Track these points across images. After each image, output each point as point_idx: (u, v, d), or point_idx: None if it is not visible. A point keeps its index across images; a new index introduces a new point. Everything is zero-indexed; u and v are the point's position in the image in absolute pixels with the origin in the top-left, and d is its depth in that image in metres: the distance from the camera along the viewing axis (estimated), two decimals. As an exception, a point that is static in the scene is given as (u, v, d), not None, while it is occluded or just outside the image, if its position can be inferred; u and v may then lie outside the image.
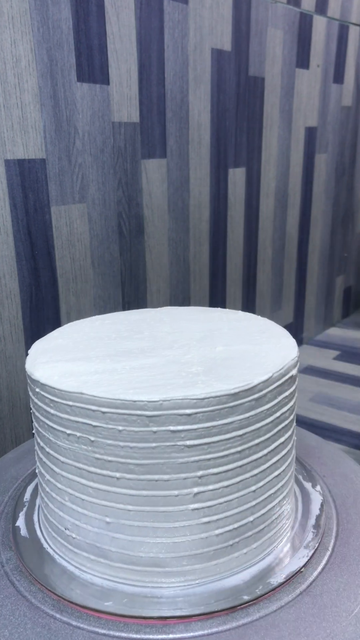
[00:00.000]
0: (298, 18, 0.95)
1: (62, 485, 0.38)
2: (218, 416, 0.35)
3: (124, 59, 0.66)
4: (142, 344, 0.43)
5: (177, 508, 0.36)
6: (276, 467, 0.40)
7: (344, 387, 0.97)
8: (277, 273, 1.08)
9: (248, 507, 0.38)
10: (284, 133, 1.00)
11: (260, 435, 0.38)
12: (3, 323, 0.60)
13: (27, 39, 0.56)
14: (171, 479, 0.35)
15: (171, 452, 0.35)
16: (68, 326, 0.48)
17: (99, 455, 0.35)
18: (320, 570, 0.40)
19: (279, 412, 0.39)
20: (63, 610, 0.36)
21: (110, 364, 0.39)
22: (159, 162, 0.75)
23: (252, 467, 0.38)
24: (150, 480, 0.35)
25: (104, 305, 0.72)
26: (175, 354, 0.41)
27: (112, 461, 0.35)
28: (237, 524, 0.38)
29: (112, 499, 0.36)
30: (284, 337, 0.45)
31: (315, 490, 0.48)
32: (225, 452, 0.36)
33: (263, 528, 0.40)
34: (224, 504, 0.37)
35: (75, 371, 0.38)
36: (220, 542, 0.38)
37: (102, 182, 0.67)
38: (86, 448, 0.36)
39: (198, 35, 0.76)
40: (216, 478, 0.36)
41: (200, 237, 0.85)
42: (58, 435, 0.37)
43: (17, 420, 0.63)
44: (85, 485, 0.37)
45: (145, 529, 0.37)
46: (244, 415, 0.36)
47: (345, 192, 1.27)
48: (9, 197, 0.57)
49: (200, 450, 0.35)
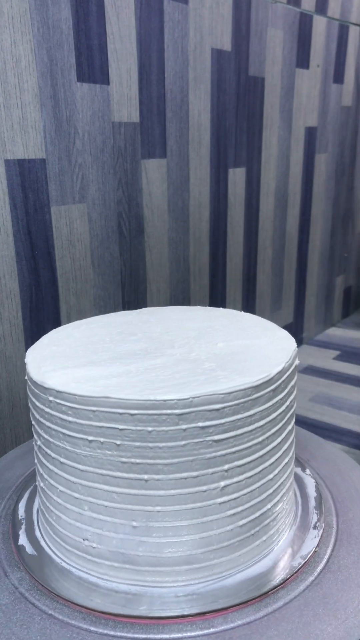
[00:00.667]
0: (298, 18, 0.95)
1: (80, 495, 0.38)
2: (242, 409, 0.36)
3: (124, 59, 0.66)
4: (141, 345, 0.43)
5: (205, 503, 0.37)
6: (287, 454, 0.41)
7: (344, 387, 0.97)
8: (277, 273, 1.08)
9: (267, 495, 0.39)
10: (284, 133, 1.00)
11: (276, 424, 0.39)
12: (3, 323, 0.60)
13: (27, 39, 0.56)
14: (200, 475, 0.36)
15: (200, 448, 0.35)
16: (54, 332, 0.47)
17: (125, 458, 0.35)
18: (332, 548, 0.42)
19: (289, 400, 0.40)
20: (97, 622, 0.36)
21: (121, 367, 0.39)
22: (159, 162, 0.75)
23: (270, 456, 0.39)
24: (179, 478, 0.36)
25: (104, 305, 0.72)
26: (180, 352, 0.41)
27: (140, 463, 0.35)
28: (258, 513, 0.39)
29: (139, 502, 0.36)
30: (276, 330, 0.46)
31: (306, 474, 0.50)
32: (249, 443, 0.37)
33: (278, 514, 0.41)
34: (247, 495, 0.38)
35: (90, 376, 0.38)
36: (244, 532, 0.39)
37: (102, 182, 0.67)
38: (111, 453, 0.35)
39: (198, 35, 0.76)
40: (240, 470, 0.37)
41: (200, 237, 0.85)
42: (77, 443, 0.36)
43: (17, 420, 0.63)
44: (109, 492, 0.36)
45: (174, 528, 0.37)
46: (264, 405, 0.37)
47: (345, 192, 1.27)
48: (9, 197, 0.57)
49: (227, 444, 0.36)
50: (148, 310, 0.52)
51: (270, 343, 0.43)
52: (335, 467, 0.52)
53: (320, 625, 0.35)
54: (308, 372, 1.04)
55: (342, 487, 0.49)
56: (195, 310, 0.52)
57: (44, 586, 0.39)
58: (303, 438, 0.57)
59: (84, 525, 0.38)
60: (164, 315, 0.51)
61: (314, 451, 0.55)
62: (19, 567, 0.40)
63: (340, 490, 0.49)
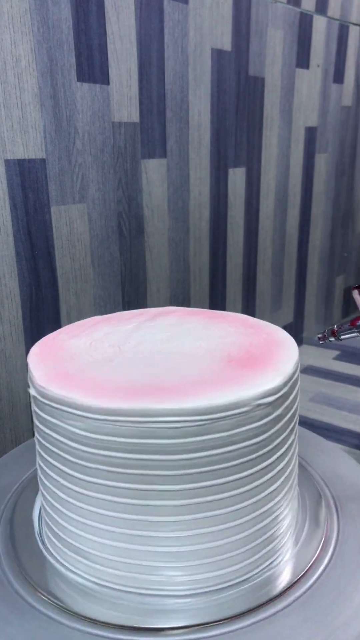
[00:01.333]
0: (298, 18, 0.95)
1: (82, 504, 0.38)
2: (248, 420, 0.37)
3: (124, 59, 0.66)
4: (161, 349, 0.43)
5: (208, 514, 0.37)
6: (290, 462, 0.42)
7: (344, 387, 0.97)
8: (277, 273, 1.08)
9: (271, 506, 0.40)
10: (284, 133, 1.00)
11: (279, 435, 0.39)
12: (3, 323, 0.60)
13: (27, 39, 0.56)
14: (201, 486, 0.37)
15: (202, 458, 0.37)
16: (44, 352, 0.44)
17: (128, 470, 0.36)
18: (333, 549, 0.42)
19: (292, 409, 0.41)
20: (95, 626, 0.36)
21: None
22: (159, 162, 0.75)
23: (273, 467, 0.39)
24: (181, 490, 0.36)
25: (104, 305, 0.72)
26: (204, 346, 0.41)
27: (142, 474, 0.36)
28: (262, 524, 0.39)
29: (141, 512, 0.37)
30: (267, 326, 0.47)
31: (306, 474, 0.50)
32: (253, 455, 0.38)
33: (280, 524, 0.42)
34: (251, 506, 0.38)
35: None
36: (247, 544, 0.39)
37: (102, 182, 0.67)
38: (113, 468, 0.36)
39: (198, 35, 0.76)
40: (243, 482, 0.37)
41: (200, 237, 0.85)
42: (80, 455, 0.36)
43: (17, 420, 0.63)
44: (111, 502, 0.37)
45: (176, 539, 0.37)
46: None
47: (345, 192, 1.27)
48: (9, 197, 0.57)
49: (231, 455, 0.37)
50: (118, 315, 0.51)
51: (271, 333, 0.43)
52: (335, 467, 0.52)
53: (313, 633, 0.35)
54: (308, 372, 1.04)
55: (342, 487, 0.49)
56: (175, 311, 0.52)
57: (43, 590, 0.38)
58: (303, 438, 0.57)
59: (85, 533, 0.38)
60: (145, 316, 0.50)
61: (314, 451, 0.55)
62: (19, 571, 0.40)
63: (340, 490, 0.48)
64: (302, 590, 0.38)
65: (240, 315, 0.51)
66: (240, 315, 0.51)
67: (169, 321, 0.49)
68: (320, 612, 0.36)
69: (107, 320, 0.50)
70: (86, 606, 0.37)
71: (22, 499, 0.48)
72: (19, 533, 0.44)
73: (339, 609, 0.36)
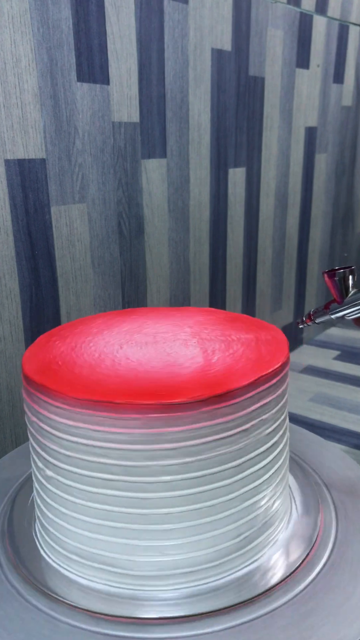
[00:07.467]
0: (298, 18, 0.95)
1: (76, 499, 0.38)
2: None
3: (124, 59, 0.66)
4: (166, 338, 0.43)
5: (200, 505, 0.38)
6: (281, 454, 0.43)
7: (344, 387, 0.96)
8: (277, 273, 1.08)
9: (260, 497, 0.40)
10: (284, 133, 1.00)
11: (269, 426, 0.40)
12: (3, 323, 0.60)
13: (27, 39, 0.56)
14: (193, 476, 0.37)
15: (196, 450, 0.37)
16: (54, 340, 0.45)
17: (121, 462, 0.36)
18: (330, 549, 0.42)
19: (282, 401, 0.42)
20: (88, 621, 0.36)
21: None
22: (159, 162, 0.75)
23: (263, 457, 0.40)
24: (172, 481, 0.36)
25: (104, 305, 0.72)
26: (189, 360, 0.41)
27: (135, 466, 0.36)
28: (251, 516, 0.40)
29: (134, 505, 0.37)
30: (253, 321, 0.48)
31: (306, 474, 0.50)
32: (241, 443, 0.38)
33: (271, 517, 0.43)
34: (240, 497, 0.39)
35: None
36: (236, 536, 0.39)
37: (102, 182, 0.67)
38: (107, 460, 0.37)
39: (198, 35, 0.76)
40: (233, 472, 0.38)
41: (200, 237, 0.85)
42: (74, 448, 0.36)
43: (17, 421, 0.63)
44: (106, 495, 0.37)
45: (168, 532, 0.37)
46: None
47: (345, 192, 1.27)
48: (9, 197, 0.57)
49: (221, 445, 0.37)
50: (104, 315, 0.52)
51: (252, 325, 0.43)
52: (335, 467, 0.52)
53: (310, 630, 0.35)
54: (308, 372, 1.04)
55: (342, 487, 0.49)
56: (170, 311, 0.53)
57: (42, 587, 0.39)
58: (303, 438, 0.57)
59: (79, 529, 0.38)
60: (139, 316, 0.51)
61: (314, 451, 0.55)
62: (17, 569, 0.40)
63: (340, 490, 0.48)
64: (300, 588, 0.38)
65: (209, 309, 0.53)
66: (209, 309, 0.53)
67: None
68: (320, 611, 0.36)
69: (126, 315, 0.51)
70: (78, 595, 0.37)
71: (20, 495, 0.48)
72: (19, 532, 0.44)
73: (335, 606, 0.36)
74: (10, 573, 0.40)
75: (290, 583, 0.38)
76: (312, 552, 0.41)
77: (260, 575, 0.39)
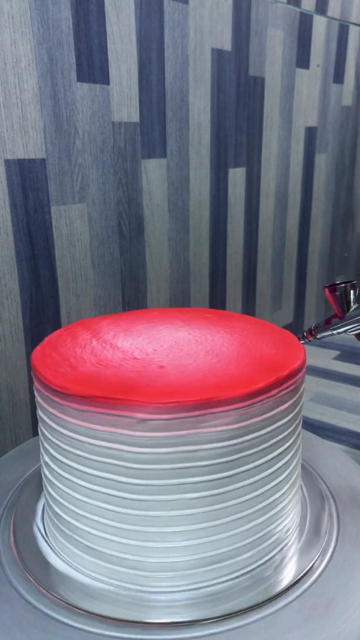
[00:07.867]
0: (298, 18, 0.95)
1: (86, 498, 0.38)
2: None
3: (124, 59, 0.66)
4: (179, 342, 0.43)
5: (211, 508, 0.37)
6: (295, 457, 0.43)
7: (344, 387, 0.96)
8: (277, 273, 1.08)
9: (273, 500, 0.40)
10: (284, 133, 1.00)
11: (282, 431, 0.40)
12: (3, 323, 0.60)
13: (27, 39, 0.56)
14: (203, 480, 0.37)
15: (205, 452, 0.38)
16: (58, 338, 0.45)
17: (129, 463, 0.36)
18: (332, 550, 0.42)
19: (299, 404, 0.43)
20: (96, 624, 0.36)
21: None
22: (159, 162, 0.75)
23: (277, 460, 0.39)
24: (182, 483, 0.36)
25: (104, 305, 0.71)
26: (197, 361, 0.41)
27: (143, 469, 0.36)
28: (264, 518, 0.40)
29: (142, 507, 0.37)
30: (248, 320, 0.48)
31: (307, 474, 0.49)
32: (258, 447, 0.38)
33: (283, 519, 0.42)
34: (253, 499, 0.38)
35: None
36: (248, 537, 0.39)
37: (102, 182, 0.67)
38: (116, 461, 0.37)
39: (198, 35, 0.76)
40: (247, 475, 0.38)
41: (200, 237, 0.85)
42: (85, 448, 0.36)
43: (17, 421, 0.63)
44: (114, 496, 0.37)
45: (177, 534, 0.37)
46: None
47: (345, 192, 1.27)
48: (9, 197, 0.57)
49: (236, 447, 0.37)
50: (106, 316, 0.51)
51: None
52: (336, 467, 0.52)
53: (313, 632, 0.35)
54: (308, 372, 1.04)
55: (343, 487, 0.49)
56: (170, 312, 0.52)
57: (46, 589, 0.38)
58: (303, 438, 0.57)
59: (88, 527, 0.38)
60: (146, 320, 0.50)
61: (314, 451, 0.55)
62: (21, 569, 0.40)
63: (340, 490, 0.48)
64: (302, 590, 0.38)
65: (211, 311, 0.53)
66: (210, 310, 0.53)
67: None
68: (320, 611, 0.36)
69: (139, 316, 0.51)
70: (86, 600, 0.37)
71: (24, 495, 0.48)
72: (20, 532, 0.44)
73: (338, 608, 0.36)
74: (13, 574, 0.40)
75: (298, 585, 0.38)
76: (316, 556, 0.41)
77: (270, 577, 0.39)
